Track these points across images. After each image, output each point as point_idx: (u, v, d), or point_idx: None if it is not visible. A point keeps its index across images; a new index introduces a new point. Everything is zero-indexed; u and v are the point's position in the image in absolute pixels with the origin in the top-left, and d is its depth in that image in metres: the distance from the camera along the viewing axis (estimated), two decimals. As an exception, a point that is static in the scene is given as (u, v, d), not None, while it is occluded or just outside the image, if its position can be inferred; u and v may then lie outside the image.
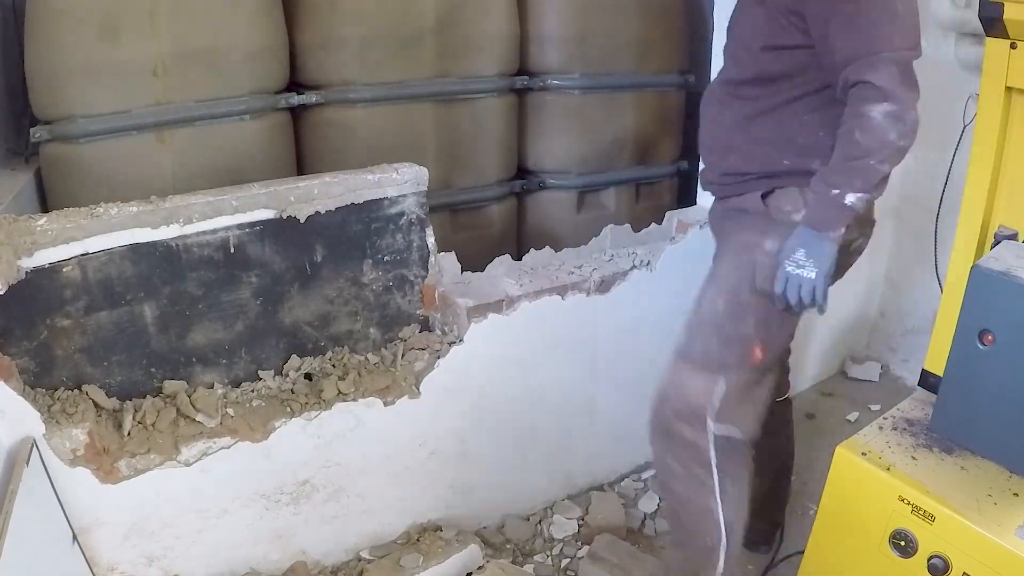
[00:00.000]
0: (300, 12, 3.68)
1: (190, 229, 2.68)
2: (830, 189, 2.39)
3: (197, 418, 2.76)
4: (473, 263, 3.46)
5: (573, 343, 3.45)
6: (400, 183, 3.00)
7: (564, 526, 3.58)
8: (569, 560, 3.42)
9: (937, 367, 2.64)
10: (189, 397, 2.79)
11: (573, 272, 3.38)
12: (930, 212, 3.82)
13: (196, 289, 2.76)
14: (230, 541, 2.94)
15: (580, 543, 3.50)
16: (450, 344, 3.14)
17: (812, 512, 2.87)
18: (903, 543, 2.49)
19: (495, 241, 4.27)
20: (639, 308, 3.56)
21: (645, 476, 3.97)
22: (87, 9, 3.09)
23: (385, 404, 3.04)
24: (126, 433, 2.65)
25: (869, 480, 2.57)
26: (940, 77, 3.57)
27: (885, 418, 2.79)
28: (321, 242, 2.93)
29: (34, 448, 2.40)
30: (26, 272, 2.44)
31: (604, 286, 3.41)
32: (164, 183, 3.28)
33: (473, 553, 3.21)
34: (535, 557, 3.43)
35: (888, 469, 2.54)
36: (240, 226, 2.76)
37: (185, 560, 2.87)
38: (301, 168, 3.83)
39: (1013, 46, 2.42)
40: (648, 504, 3.77)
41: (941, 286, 3.39)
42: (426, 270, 3.17)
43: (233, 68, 3.41)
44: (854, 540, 2.67)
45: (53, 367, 2.60)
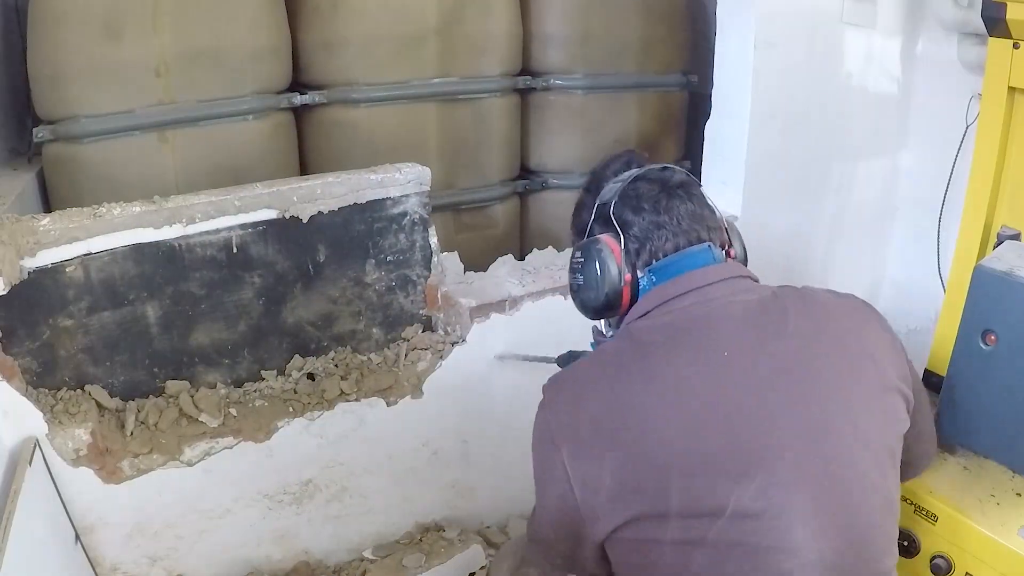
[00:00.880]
0: (303, 12, 3.68)
1: (193, 229, 2.68)
2: None
3: (200, 418, 2.76)
4: (476, 263, 3.47)
5: (575, 342, 3.45)
6: (403, 183, 3.00)
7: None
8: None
9: (940, 367, 2.64)
10: (192, 397, 2.79)
11: (575, 272, 3.38)
12: (932, 212, 3.81)
13: (199, 289, 2.76)
14: (233, 541, 2.94)
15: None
16: (453, 344, 3.14)
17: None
18: (905, 543, 2.48)
19: (498, 241, 4.27)
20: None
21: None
22: (90, 9, 3.10)
23: (388, 404, 3.04)
24: (129, 433, 2.66)
25: (872, 480, 2.57)
26: (942, 77, 3.57)
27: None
28: (324, 242, 2.93)
29: (37, 448, 2.40)
30: (29, 272, 2.44)
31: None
32: (167, 183, 3.28)
33: (476, 553, 3.21)
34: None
35: (891, 469, 2.54)
36: (243, 226, 2.76)
37: (188, 560, 2.87)
38: (304, 168, 3.84)
39: (1016, 46, 2.41)
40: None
41: (943, 286, 3.38)
42: (429, 270, 3.17)
43: (236, 68, 3.41)
44: (857, 540, 2.67)
45: (56, 367, 2.60)
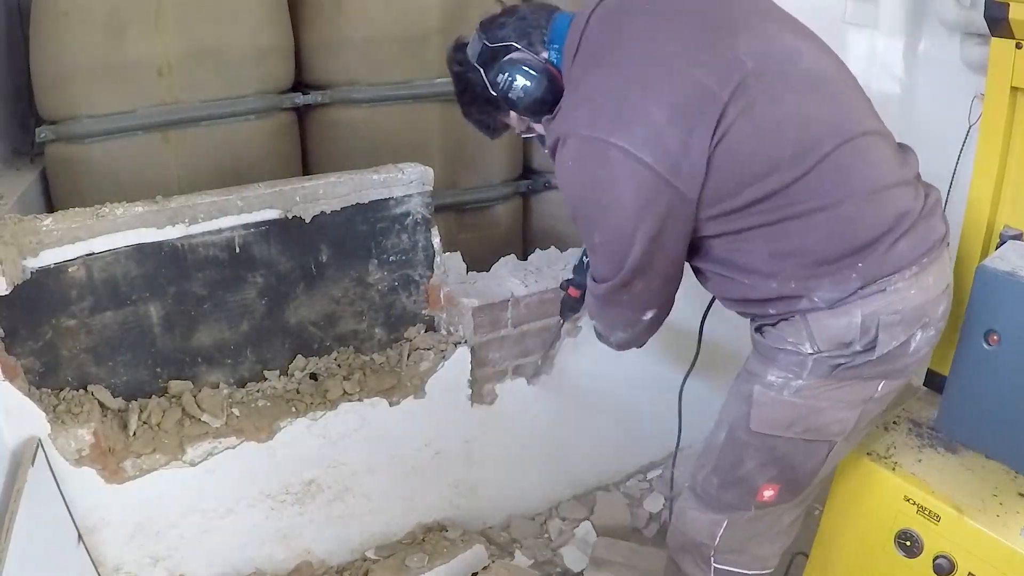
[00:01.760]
0: (306, 12, 3.68)
1: (195, 229, 2.68)
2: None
3: (202, 418, 2.76)
4: (478, 263, 3.46)
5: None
6: (406, 183, 3.01)
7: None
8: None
9: (942, 367, 2.64)
10: (194, 397, 2.80)
11: (578, 272, 3.38)
12: (935, 212, 3.81)
13: (201, 289, 2.76)
14: (235, 541, 2.94)
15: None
16: (455, 344, 3.14)
17: (817, 512, 2.85)
18: (908, 543, 2.48)
19: (500, 241, 4.26)
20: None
21: (651, 476, 3.97)
22: (92, 9, 3.10)
23: (390, 404, 3.04)
24: (131, 433, 2.66)
25: (874, 480, 2.56)
26: (945, 77, 3.56)
27: (890, 418, 2.78)
28: (326, 242, 2.93)
29: (39, 448, 2.41)
30: (31, 272, 2.44)
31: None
32: (169, 183, 3.28)
33: (478, 553, 3.21)
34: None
35: (893, 469, 2.53)
36: (245, 226, 2.76)
37: (190, 560, 2.88)
38: (307, 168, 3.83)
39: (1018, 46, 2.41)
40: (654, 504, 3.77)
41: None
42: (431, 270, 3.17)
43: (239, 68, 3.41)
44: (859, 540, 2.66)
45: (58, 367, 2.61)
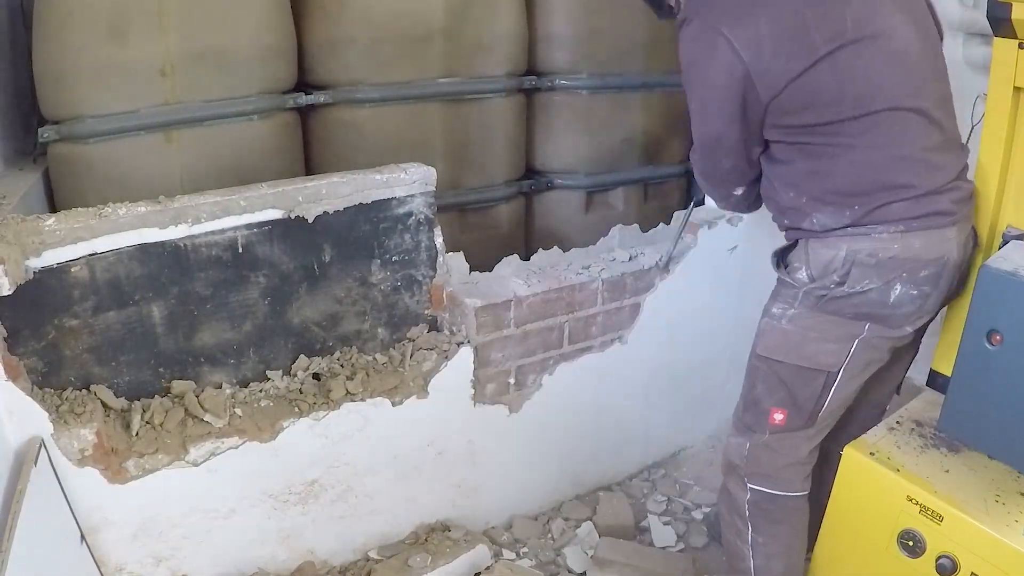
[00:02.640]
0: (308, 12, 3.67)
1: (198, 229, 2.68)
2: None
3: (205, 418, 2.76)
4: (481, 263, 3.47)
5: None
6: (408, 183, 3.01)
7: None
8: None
9: (945, 367, 2.64)
10: (197, 397, 2.80)
11: (581, 272, 3.38)
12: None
13: (204, 289, 2.76)
14: (238, 541, 2.94)
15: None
16: (458, 344, 3.14)
17: (821, 512, 2.87)
18: (911, 543, 2.48)
19: (503, 241, 4.26)
20: (647, 308, 3.56)
21: (653, 476, 3.97)
22: (95, 9, 3.09)
23: (393, 404, 3.04)
24: (134, 433, 2.66)
25: (877, 480, 2.57)
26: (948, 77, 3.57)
27: (893, 418, 2.78)
28: (329, 242, 2.93)
29: (42, 448, 2.41)
30: (34, 272, 2.44)
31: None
32: (172, 183, 3.28)
33: (481, 553, 3.21)
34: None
35: (896, 469, 2.54)
36: (248, 226, 2.77)
37: (193, 560, 2.88)
38: (309, 168, 3.83)
39: (1021, 46, 2.40)
40: (656, 504, 3.77)
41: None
42: (434, 270, 3.17)
43: (241, 68, 3.41)
44: (862, 540, 2.67)
45: (61, 367, 2.61)
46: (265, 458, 2.86)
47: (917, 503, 2.45)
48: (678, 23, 2.69)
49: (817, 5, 2.44)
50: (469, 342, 3.14)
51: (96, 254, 2.55)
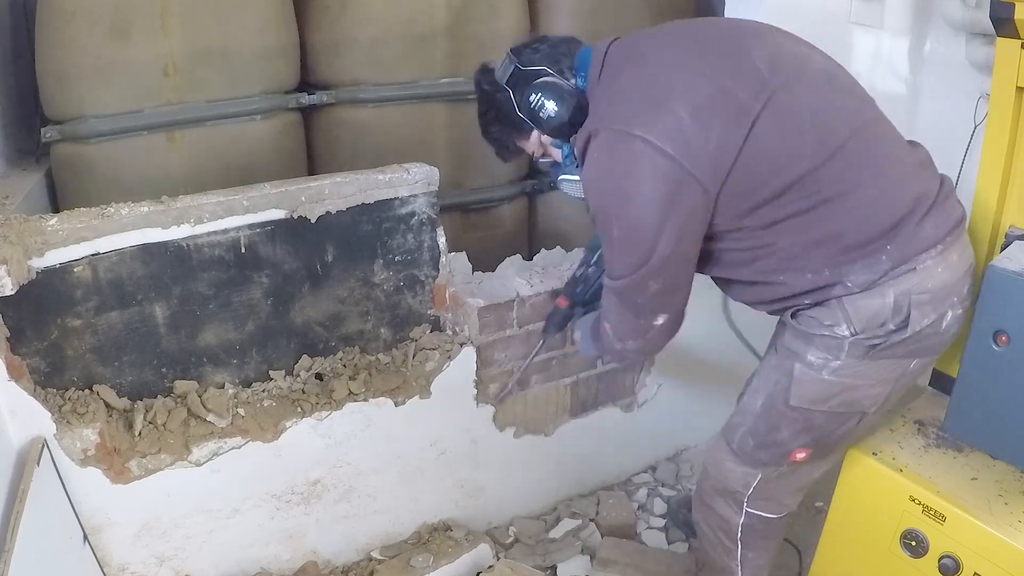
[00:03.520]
0: (311, 12, 3.68)
1: (201, 229, 2.68)
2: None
3: (208, 418, 2.76)
4: (484, 263, 3.47)
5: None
6: (411, 183, 3.00)
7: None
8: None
9: (949, 368, 2.64)
10: (200, 397, 2.80)
11: (584, 272, 3.38)
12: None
13: (207, 289, 2.76)
14: (241, 541, 2.94)
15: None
16: (461, 344, 3.14)
17: (823, 511, 2.86)
18: (914, 543, 2.48)
19: (506, 241, 4.26)
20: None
21: (656, 476, 3.97)
22: (98, 9, 3.10)
23: (396, 404, 3.04)
24: (137, 433, 2.66)
25: (880, 480, 2.57)
26: (950, 77, 3.56)
27: (896, 418, 2.78)
28: (332, 242, 2.93)
29: (45, 448, 2.41)
30: (37, 272, 2.44)
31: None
32: (175, 183, 3.28)
33: (483, 552, 3.21)
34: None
35: (899, 469, 2.54)
36: (251, 226, 2.76)
37: (196, 560, 2.88)
38: (312, 168, 3.83)
39: (1024, 46, 2.41)
40: (658, 504, 3.77)
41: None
42: (437, 270, 3.17)
43: (244, 68, 3.41)
44: (865, 540, 2.66)
45: (64, 367, 2.61)
46: (268, 458, 2.86)
47: (920, 503, 2.45)
48: (580, 145, 2.48)
49: (723, 67, 2.30)
50: (472, 342, 3.14)
51: (99, 254, 2.54)
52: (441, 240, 3.14)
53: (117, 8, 3.11)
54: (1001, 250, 2.45)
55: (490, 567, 3.18)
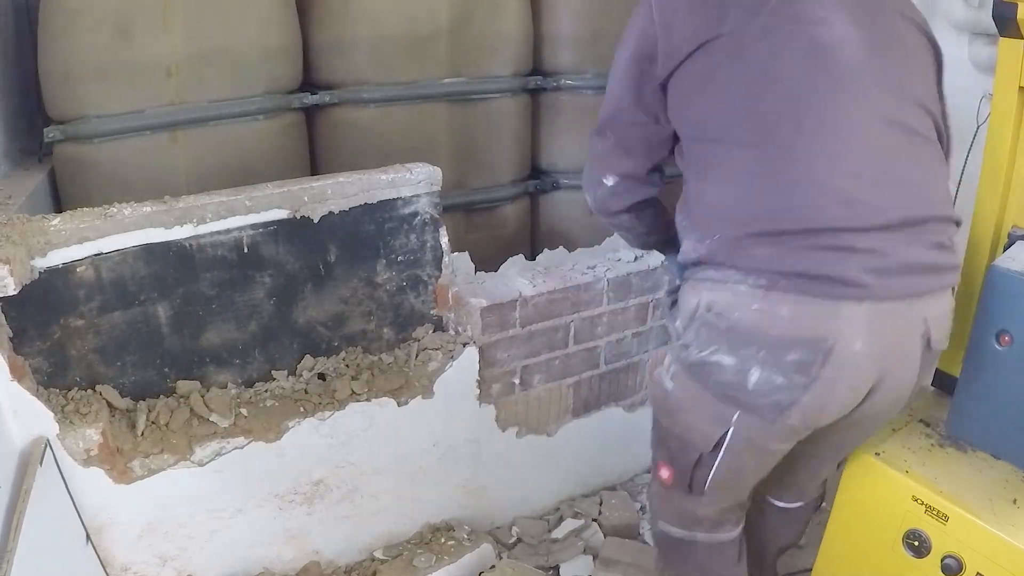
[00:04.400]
0: (314, 12, 3.68)
1: (204, 229, 2.68)
2: None
3: (211, 418, 2.76)
4: (487, 263, 3.47)
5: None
6: (414, 183, 3.00)
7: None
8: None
9: (951, 368, 2.63)
10: (202, 397, 2.80)
11: (586, 272, 3.37)
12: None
13: (209, 289, 2.76)
14: (244, 541, 2.94)
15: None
16: (463, 344, 3.14)
17: (826, 511, 2.86)
18: (917, 543, 2.48)
19: (509, 241, 4.26)
20: (652, 308, 3.56)
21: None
22: (101, 9, 3.10)
23: (399, 404, 3.04)
24: (139, 433, 2.66)
25: (883, 480, 2.56)
26: (953, 77, 3.55)
27: (899, 419, 2.78)
28: (335, 242, 2.93)
29: (48, 448, 2.41)
30: (40, 272, 2.44)
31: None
32: (177, 183, 3.29)
33: (486, 552, 3.21)
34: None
35: (902, 469, 2.53)
36: (254, 226, 2.76)
37: (199, 560, 2.88)
38: (315, 168, 3.84)
39: (1027, 46, 2.42)
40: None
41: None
42: (440, 270, 3.17)
43: (247, 68, 3.41)
44: (867, 540, 2.66)
45: (67, 367, 2.61)
46: (270, 458, 2.86)
47: (923, 503, 2.44)
48: None
49: None
50: (474, 342, 3.14)
51: (101, 254, 2.55)
52: (444, 240, 3.14)
53: (120, 8, 3.11)
54: (1004, 250, 2.45)
55: (492, 567, 3.18)
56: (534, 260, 3.61)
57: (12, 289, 2.27)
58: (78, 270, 2.52)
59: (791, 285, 1.95)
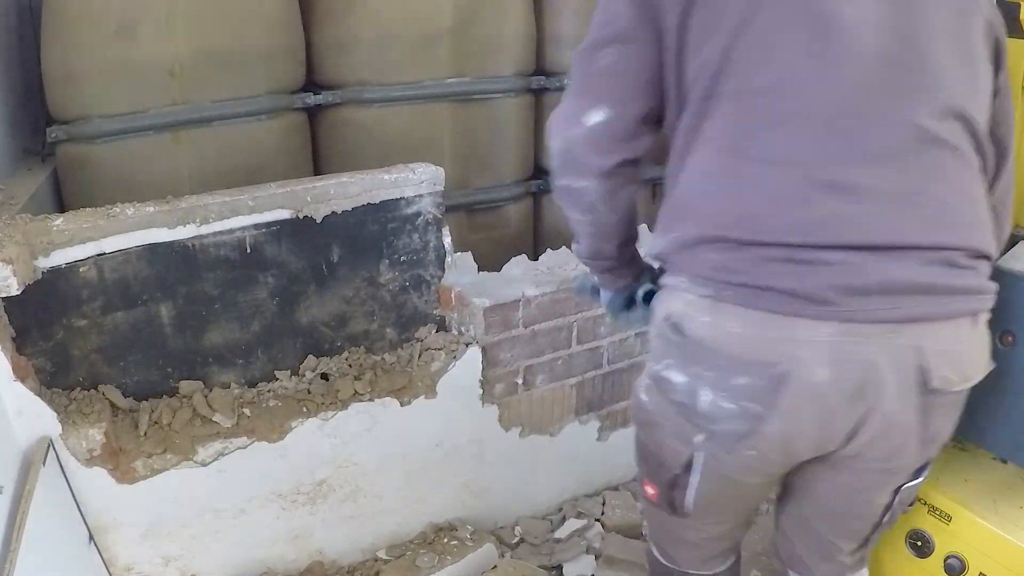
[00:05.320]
0: (317, 12, 3.68)
1: (206, 229, 2.69)
2: None
3: (213, 418, 2.76)
4: (490, 263, 3.46)
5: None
6: (417, 183, 3.01)
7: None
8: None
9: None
10: (205, 397, 2.80)
11: (589, 272, 3.38)
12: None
13: (212, 289, 2.76)
14: (247, 541, 2.94)
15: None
16: (466, 344, 3.14)
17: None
18: (919, 543, 2.48)
19: (511, 241, 4.26)
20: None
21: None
22: (104, 9, 3.10)
23: (401, 404, 3.04)
24: (142, 433, 2.66)
25: (886, 481, 2.56)
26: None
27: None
28: (338, 242, 2.93)
29: (50, 448, 2.41)
30: (43, 272, 2.45)
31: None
32: (180, 183, 3.28)
33: (488, 552, 3.21)
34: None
35: (906, 470, 2.53)
36: (257, 226, 2.77)
37: (202, 560, 2.88)
38: (318, 168, 3.84)
39: (1031, 45, 2.41)
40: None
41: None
42: (442, 270, 3.17)
43: (250, 68, 3.41)
44: (871, 541, 2.66)
45: (70, 367, 2.61)
46: (273, 458, 2.86)
47: (925, 503, 2.44)
48: None
49: None
50: (477, 342, 3.14)
51: (104, 254, 2.55)
52: (447, 240, 3.14)
53: (123, 8, 3.12)
54: (1006, 250, 2.45)
55: (495, 567, 3.18)
56: (537, 260, 3.61)
57: (15, 289, 2.27)
58: (81, 270, 2.52)
59: (736, 296, 1.70)
